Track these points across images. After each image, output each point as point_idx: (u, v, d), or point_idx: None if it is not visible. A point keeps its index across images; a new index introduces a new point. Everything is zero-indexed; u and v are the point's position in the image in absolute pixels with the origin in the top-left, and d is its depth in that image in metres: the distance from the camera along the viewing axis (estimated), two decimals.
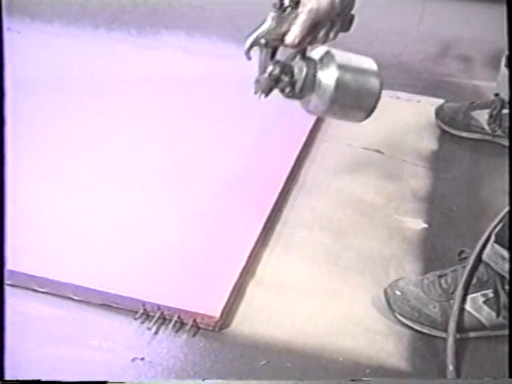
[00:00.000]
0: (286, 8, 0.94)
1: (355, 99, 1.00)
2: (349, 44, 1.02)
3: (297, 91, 0.99)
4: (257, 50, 0.96)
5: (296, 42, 0.95)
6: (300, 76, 0.98)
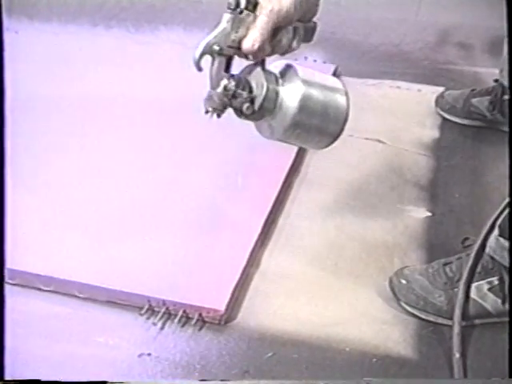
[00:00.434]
0: (243, 10, 0.81)
1: (322, 118, 0.86)
2: (348, 35, 1.01)
3: (256, 108, 0.84)
4: (208, 61, 0.82)
5: (255, 48, 0.82)
6: (260, 91, 0.84)
